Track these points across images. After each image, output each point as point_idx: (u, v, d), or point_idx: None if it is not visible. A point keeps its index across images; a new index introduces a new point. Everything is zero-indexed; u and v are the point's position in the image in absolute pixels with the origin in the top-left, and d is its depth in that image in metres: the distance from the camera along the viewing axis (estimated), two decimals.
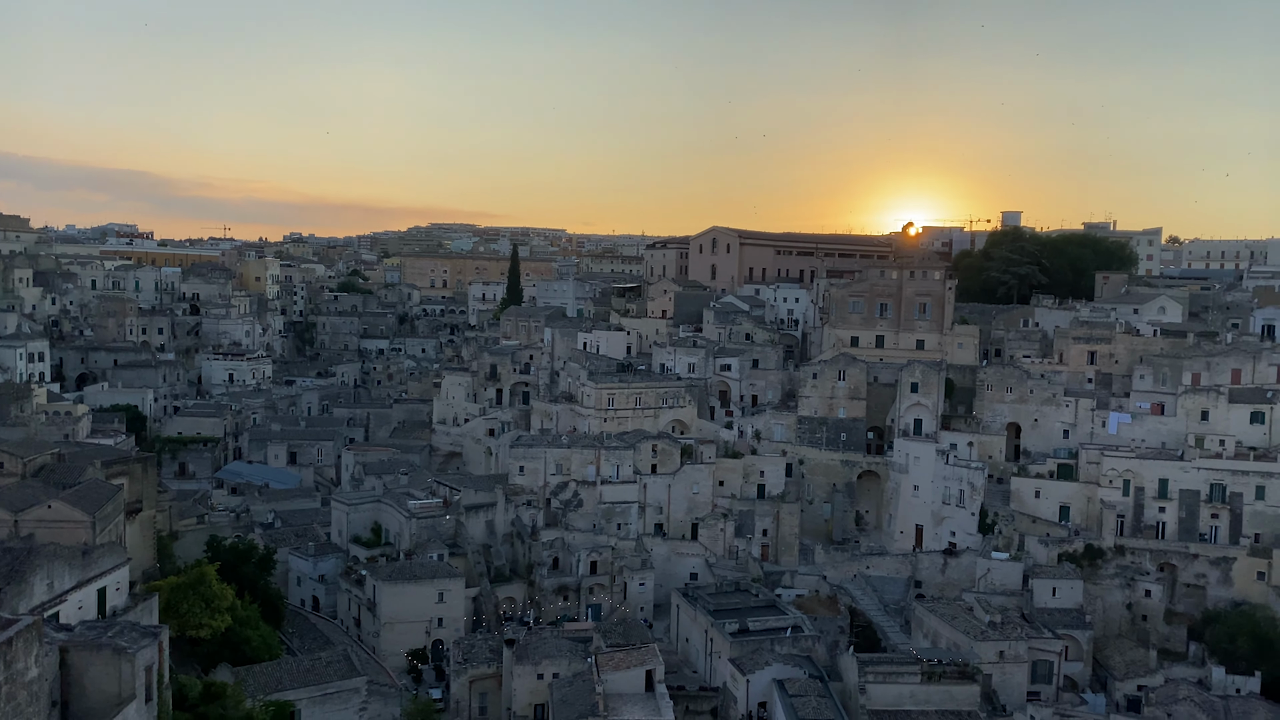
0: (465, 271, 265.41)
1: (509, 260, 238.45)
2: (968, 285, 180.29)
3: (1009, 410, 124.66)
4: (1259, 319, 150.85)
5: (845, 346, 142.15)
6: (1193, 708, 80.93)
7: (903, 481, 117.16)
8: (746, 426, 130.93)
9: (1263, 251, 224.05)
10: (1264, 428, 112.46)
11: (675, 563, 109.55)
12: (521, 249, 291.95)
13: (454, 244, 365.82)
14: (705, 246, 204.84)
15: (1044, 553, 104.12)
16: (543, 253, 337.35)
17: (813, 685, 77.32)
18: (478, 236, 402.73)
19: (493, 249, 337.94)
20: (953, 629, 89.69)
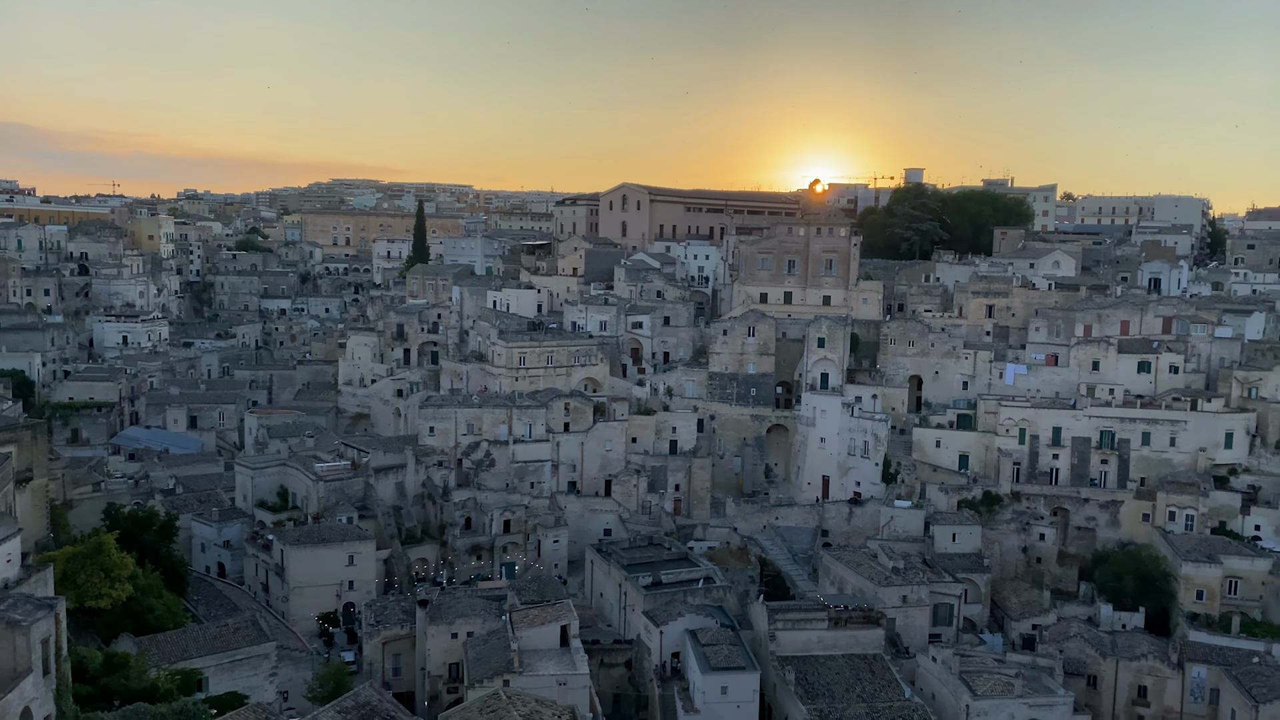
0: (369, 229, 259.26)
1: (414, 217, 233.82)
2: (872, 242, 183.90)
3: (911, 363, 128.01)
4: (1146, 273, 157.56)
5: (755, 303, 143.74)
6: (1082, 644, 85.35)
7: (810, 434, 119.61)
8: (659, 383, 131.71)
9: (1150, 208, 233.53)
10: (1150, 377, 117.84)
11: (589, 519, 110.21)
12: (427, 205, 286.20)
13: (357, 200, 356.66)
14: (616, 203, 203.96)
15: (944, 500, 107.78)
16: (449, 210, 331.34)
17: (724, 634, 78.97)
18: (381, 193, 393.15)
19: (398, 205, 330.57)
20: (858, 576, 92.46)
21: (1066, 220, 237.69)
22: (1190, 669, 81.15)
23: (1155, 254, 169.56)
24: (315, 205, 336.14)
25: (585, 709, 66.42)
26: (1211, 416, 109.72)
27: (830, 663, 78.38)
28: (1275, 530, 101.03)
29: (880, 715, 72.27)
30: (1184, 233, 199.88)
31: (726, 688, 73.40)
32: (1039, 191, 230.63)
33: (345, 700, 56.87)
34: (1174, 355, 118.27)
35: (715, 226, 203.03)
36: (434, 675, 78.25)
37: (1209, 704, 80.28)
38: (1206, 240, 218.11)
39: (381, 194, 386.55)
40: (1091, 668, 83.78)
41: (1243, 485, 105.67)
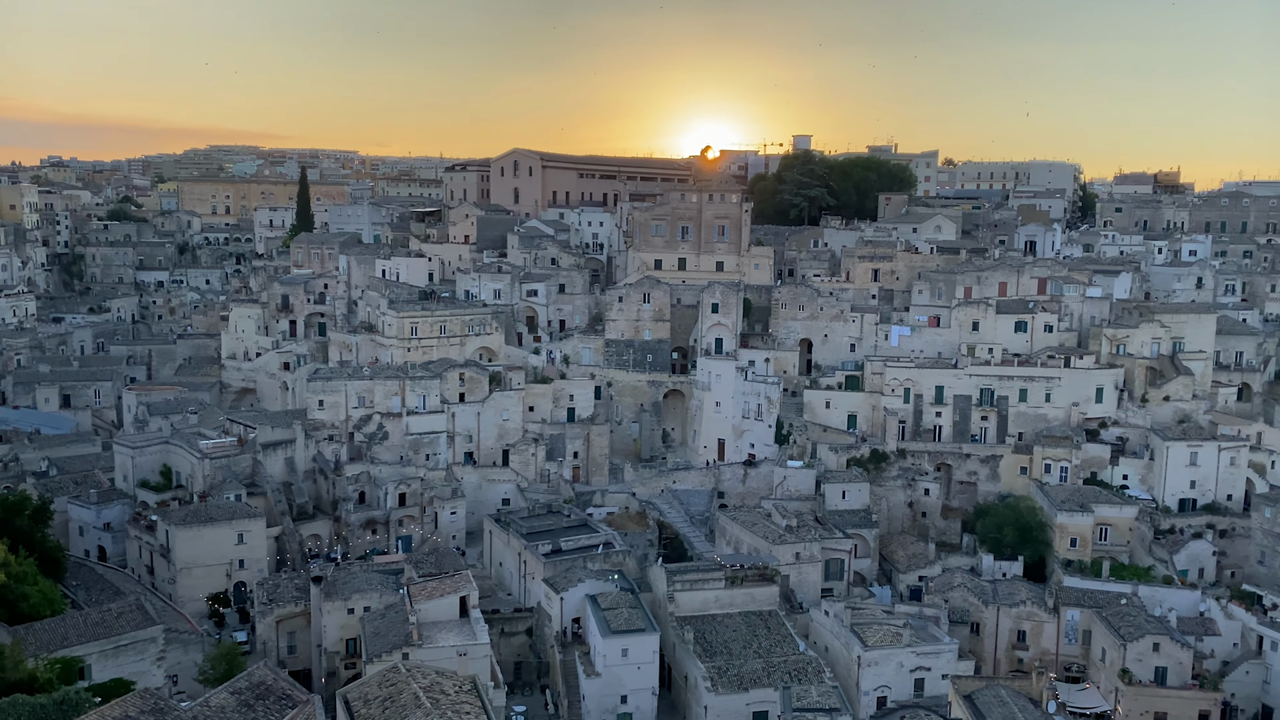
0: (250, 197, 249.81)
1: (298, 184, 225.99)
2: (763, 208, 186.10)
3: (801, 327, 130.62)
4: (1022, 235, 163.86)
5: (649, 269, 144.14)
6: (965, 593, 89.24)
7: (706, 399, 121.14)
8: (555, 351, 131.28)
9: (1026, 173, 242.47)
10: (1026, 336, 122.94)
11: (487, 490, 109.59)
12: (311, 172, 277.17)
13: (236, 167, 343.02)
14: (507, 169, 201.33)
15: (834, 459, 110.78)
16: (334, 176, 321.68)
17: (624, 598, 79.91)
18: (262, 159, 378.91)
19: (280, 172, 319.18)
20: (753, 535, 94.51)
21: (947, 186, 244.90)
22: (1065, 612, 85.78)
23: (1030, 218, 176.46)
24: (192, 173, 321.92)
25: (486, 678, 66.46)
26: (1083, 373, 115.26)
27: (728, 621, 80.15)
28: (1141, 479, 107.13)
29: (776, 670, 74.34)
30: (1057, 197, 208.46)
31: (627, 650, 74.41)
32: (921, 158, 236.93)
33: (239, 681, 55.50)
34: (1048, 315, 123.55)
35: (609, 193, 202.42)
36: (331, 652, 77.11)
37: (1082, 645, 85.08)
38: (1078, 204, 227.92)
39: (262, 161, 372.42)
40: (974, 615, 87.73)
41: (1112, 437, 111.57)
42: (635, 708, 74.73)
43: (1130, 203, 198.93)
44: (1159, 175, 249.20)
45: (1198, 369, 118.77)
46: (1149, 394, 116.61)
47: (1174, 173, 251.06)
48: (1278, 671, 79.12)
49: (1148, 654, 77.59)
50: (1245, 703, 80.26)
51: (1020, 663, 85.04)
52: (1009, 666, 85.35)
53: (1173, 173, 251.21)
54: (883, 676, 76.28)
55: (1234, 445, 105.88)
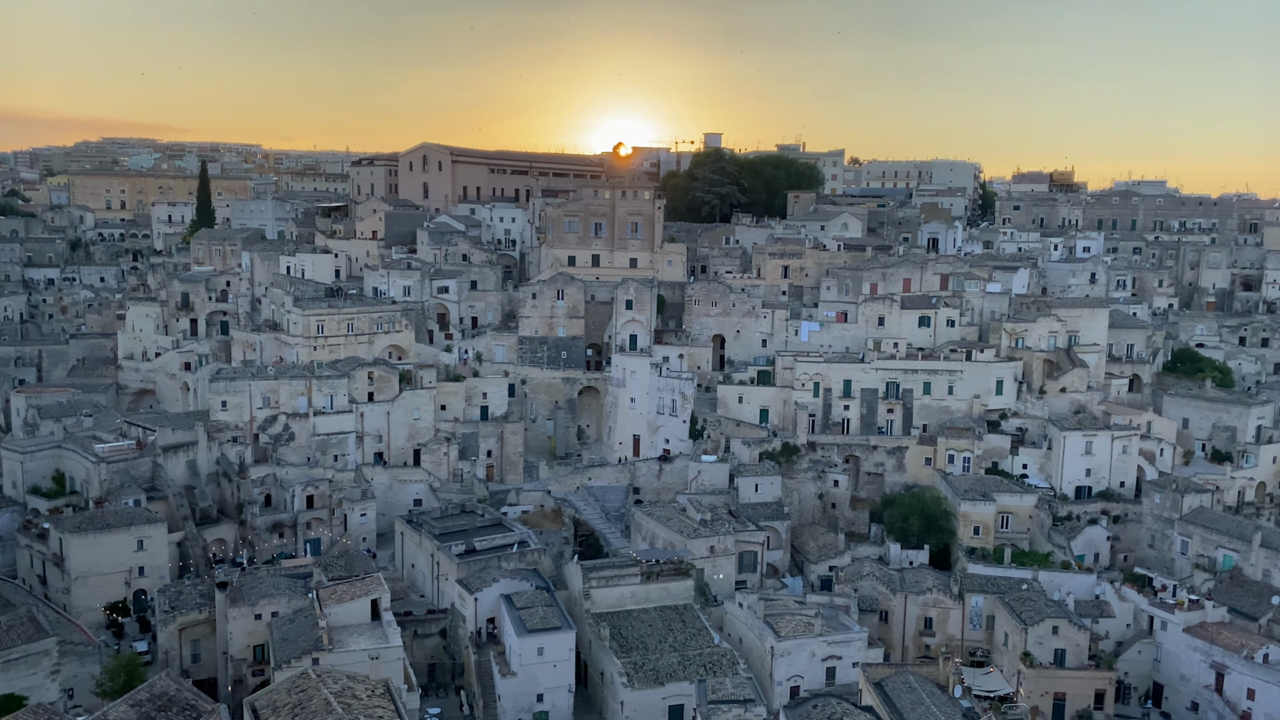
0: (147, 191, 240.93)
1: (198, 179, 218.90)
2: (675, 205, 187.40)
3: (714, 323, 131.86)
4: (925, 233, 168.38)
5: (563, 266, 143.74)
6: (874, 581, 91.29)
7: (620, 395, 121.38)
8: (467, 349, 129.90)
9: (929, 171, 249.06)
10: (930, 330, 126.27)
11: (398, 490, 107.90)
12: (212, 166, 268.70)
13: (132, 161, 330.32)
14: (416, 164, 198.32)
15: (747, 453, 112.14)
16: (236, 170, 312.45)
17: (540, 596, 79.62)
18: (160, 153, 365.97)
19: (178, 166, 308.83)
20: (668, 530, 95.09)
21: (853, 184, 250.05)
22: (969, 599, 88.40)
23: (933, 215, 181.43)
24: (84, 166, 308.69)
25: (400, 681, 65.56)
26: (984, 366, 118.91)
27: (643, 616, 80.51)
28: (1040, 468, 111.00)
29: (691, 663, 74.98)
30: (958, 195, 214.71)
31: (543, 648, 74.17)
32: (828, 156, 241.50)
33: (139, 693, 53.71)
34: (951, 310, 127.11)
35: (520, 189, 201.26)
36: (237, 659, 75.07)
37: (986, 630, 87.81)
38: (978, 202, 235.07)
39: (160, 154, 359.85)
40: (883, 604, 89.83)
41: (1011, 428, 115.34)
42: (551, 706, 74.54)
43: (1028, 201, 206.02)
44: (1055, 174, 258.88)
45: (1092, 361, 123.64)
46: (1046, 386, 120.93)
47: (1069, 172, 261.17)
48: (1167, 650, 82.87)
49: (1047, 637, 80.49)
50: (1137, 680, 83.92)
51: (927, 649, 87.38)
52: (917, 653, 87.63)
53: (1067, 172, 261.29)
54: (795, 666, 77.57)
55: (1126, 434, 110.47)
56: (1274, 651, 77.79)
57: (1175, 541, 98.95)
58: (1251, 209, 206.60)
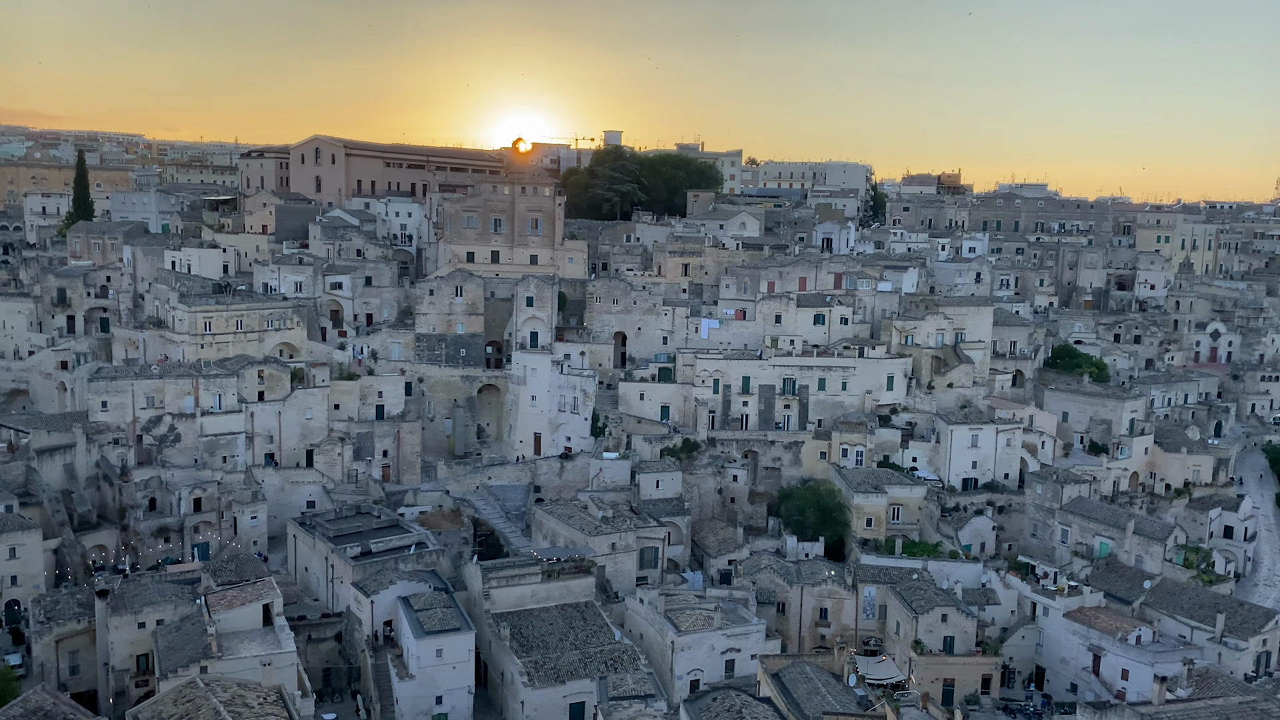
0: (19, 181, 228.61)
1: (74, 169, 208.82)
2: (575, 202, 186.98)
3: (616, 320, 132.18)
4: (820, 233, 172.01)
5: (461, 262, 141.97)
6: (772, 574, 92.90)
7: (521, 393, 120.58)
8: (362, 346, 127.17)
9: (823, 173, 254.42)
10: (824, 328, 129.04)
11: (290, 492, 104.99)
12: (90, 156, 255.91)
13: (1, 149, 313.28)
14: (308, 157, 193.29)
15: (648, 449, 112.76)
16: (116, 161, 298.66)
17: (438, 597, 78.56)
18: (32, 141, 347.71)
19: (53, 155, 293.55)
20: (570, 528, 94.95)
21: (751, 184, 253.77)
22: (863, 589, 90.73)
23: (827, 216, 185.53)
24: None
25: (293, 687, 63.85)
26: (876, 362, 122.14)
27: (544, 614, 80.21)
28: (929, 461, 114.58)
29: (592, 660, 75.03)
30: (851, 196, 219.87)
31: (441, 650, 73.24)
32: (726, 156, 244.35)
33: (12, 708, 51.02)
34: (844, 308, 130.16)
35: (417, 183, 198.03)
36: (119, 670, 72.03)
37: (879, 619, 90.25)
38: (870, 203, 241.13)
39: (32, 142, 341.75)
40: (780, 596, 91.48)
41: (902, 422, 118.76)
42: (451, 707, 73.64)
43: (917, 203, 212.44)
44: (942, 177, 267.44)
45: (977, 357, 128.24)
46: (934, 381, 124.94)
47: (956, 175, 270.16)
48: (1049, 635, 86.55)
49: (937, 625, 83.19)
50: (1021, 664, 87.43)
51: (823, 639, 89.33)
52: (813, 643, 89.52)
53: (954, 175, 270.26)
54: (695, 660, 78.37)
55: (1010, 428, 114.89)
56: (1145, 633, 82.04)
57: (1056, 530, 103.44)
58: (1125, 212, 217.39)
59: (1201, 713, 50.83)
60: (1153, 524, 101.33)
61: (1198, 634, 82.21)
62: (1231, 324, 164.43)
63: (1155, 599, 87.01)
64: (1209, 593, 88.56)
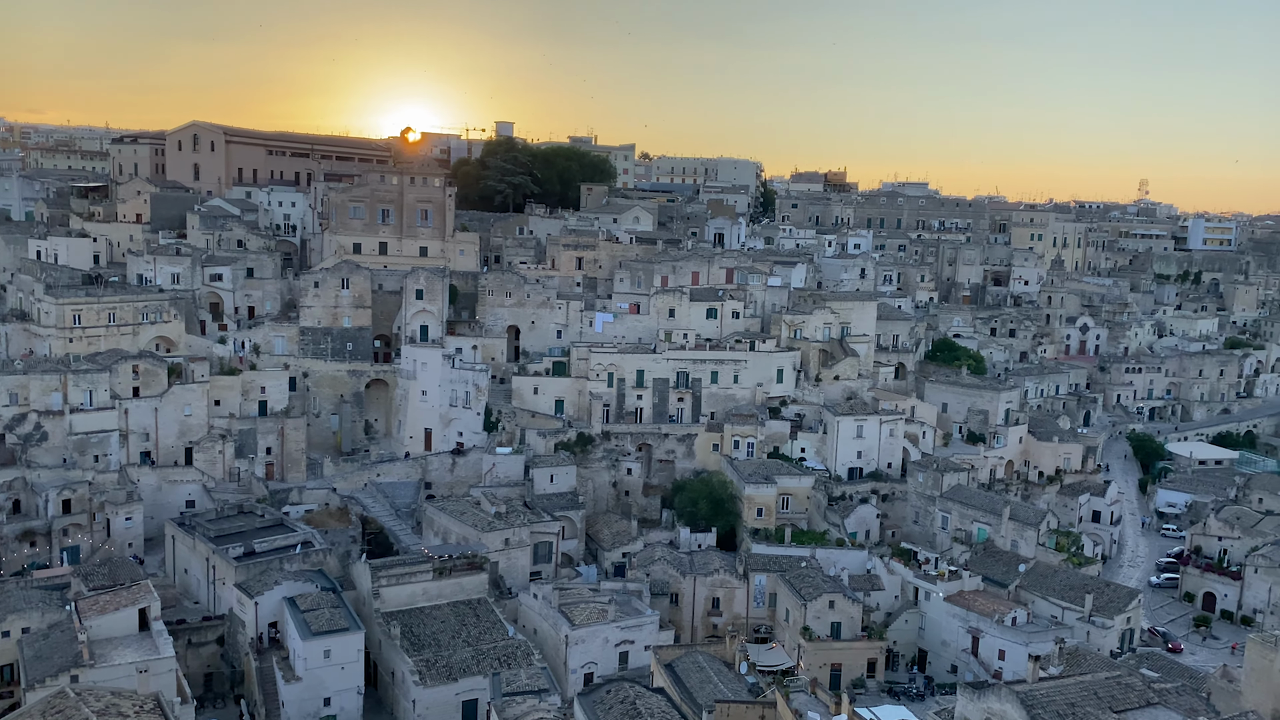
0: None
1: None
2: (466, 193, 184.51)
3: (509, 314, 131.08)
4: (712, 228, 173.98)
5: (348, 254, 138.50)
6: (665, 565, 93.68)
7: (411, 388, 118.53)
8: (244, 340, 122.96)
9: (714, 169, 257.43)
10: (716, 322, 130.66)
11: (168, 492, 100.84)
12: None
13: None
14: (185, 143, 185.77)
15: (542, 444, 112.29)
16: None
17: (326, 597, 76.71)
18: None
19: None
20: (462, 524, 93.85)
21: (644, 178, 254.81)
22: (753, 578, 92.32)
23: (719, 212, 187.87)
24: None
25: (172, 694, 61.53)
26: (766, 355, 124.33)
27: (436, 612, 79.13)
28: (816, 451, 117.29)
29: (485, 657, 74.38)
30: (742, 193, 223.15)
31: (329, 651, 71.54)
32: (620, 150, 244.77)
33: None
34: (736, 303, 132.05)
35: (301, 172, 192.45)
36: None
37: (769, 607, 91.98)
38: (760, 199, 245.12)
39: None
40: (674, 587, 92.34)
41: (791, 414, 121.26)
42: (340, 709, 71.97)
43: (805, 200, 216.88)
44: (829, 175, 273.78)
45: (862, 351, 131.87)
46: (822, 374, 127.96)
47: (841, 173, 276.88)
48: (930, 618, 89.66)
49: (825, 611, 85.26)
50: (905, 648, 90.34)
51: (715, 628, 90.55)
52: (705, 632, 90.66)
53: (840, 173, 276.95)
54: (589, 653, 78.48)
55: (893, 419, 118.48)
56: (1021, 615, 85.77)
57: (936, 517, 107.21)
58: (1001, 210, 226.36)
59: (1072, 689, 53.36)
60: (1027, 510, 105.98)
61: (1068, 614, 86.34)
62: (1099, 318, 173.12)
63: (1029, 582, 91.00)
64: (1078, 575, 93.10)
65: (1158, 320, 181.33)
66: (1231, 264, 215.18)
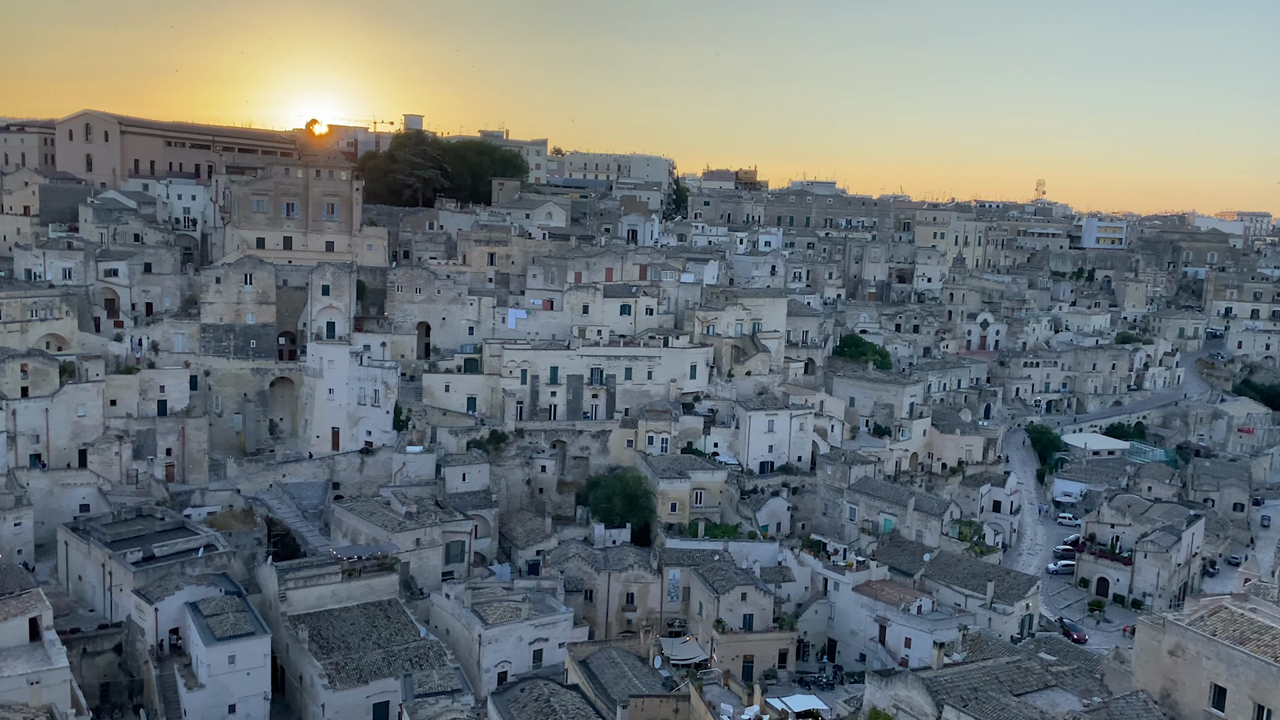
0: None
1: None
2: (374, 187, 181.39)
3: (419, 310, 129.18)
4: (625, 225, 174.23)
5: (251, 248, 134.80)
6: (580, 562, 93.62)
7: (318, 386, 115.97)
8: (141, 338, 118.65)
9: (627, 165, 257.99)
10: (630, 318, 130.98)
11: (60, 496, 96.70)
12: None
13: None
14: (77, 133, 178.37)
15: (454, 442, 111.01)
16: None
17: (230, 602, 74.66)
18: None
19: None
20: (372, 525, 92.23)
21: (557, 174, 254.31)
22: (667, 572, 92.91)
23: (632, 208, 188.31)
24: None
25: (66, 705, 59.13)
26: (680, 351, 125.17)
27: (345, 615, 77.69)
28: (729, 446, 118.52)
29: (396, 658, 73.31)
30: (655, 190, 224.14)
31: (234, 656, 69.65)
32: (532, 145, 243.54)
33: None
34: (649, 299, 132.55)
35: (202, 164, 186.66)
36: None
37: (683, 601, 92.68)
38: (673, 197, 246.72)
39: None
40: (588, 583, 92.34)
41: (704, 410, 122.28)
42: (245, 715, 70.07)
43: (716, 197, 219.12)
44: (740, 173, 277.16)
45: (773, 346, 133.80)
46: (734, 369, 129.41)
47: (752, 171, 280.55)
48: (839, 608, 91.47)
49: (737, 604, 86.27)
50: (815, 638, 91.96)
51: (629, 623, 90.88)
52: (620, 628, 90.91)
53: (751, 171, 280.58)
54: (503, 652, 77.96)
55: (803, 413, 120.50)
56: (926, 603, 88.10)
57: (845, 509, 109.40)
58: (905, 210, 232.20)
59: (974, 674, 55.06)
60: (931, 501, 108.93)
61: (971, 601, 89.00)
62: (998, 314, 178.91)
63: (934, 570, 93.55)
64: (980, 563, 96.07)
65: (1054, 316, 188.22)
66: (1122, 262, 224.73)
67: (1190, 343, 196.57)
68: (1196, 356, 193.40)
